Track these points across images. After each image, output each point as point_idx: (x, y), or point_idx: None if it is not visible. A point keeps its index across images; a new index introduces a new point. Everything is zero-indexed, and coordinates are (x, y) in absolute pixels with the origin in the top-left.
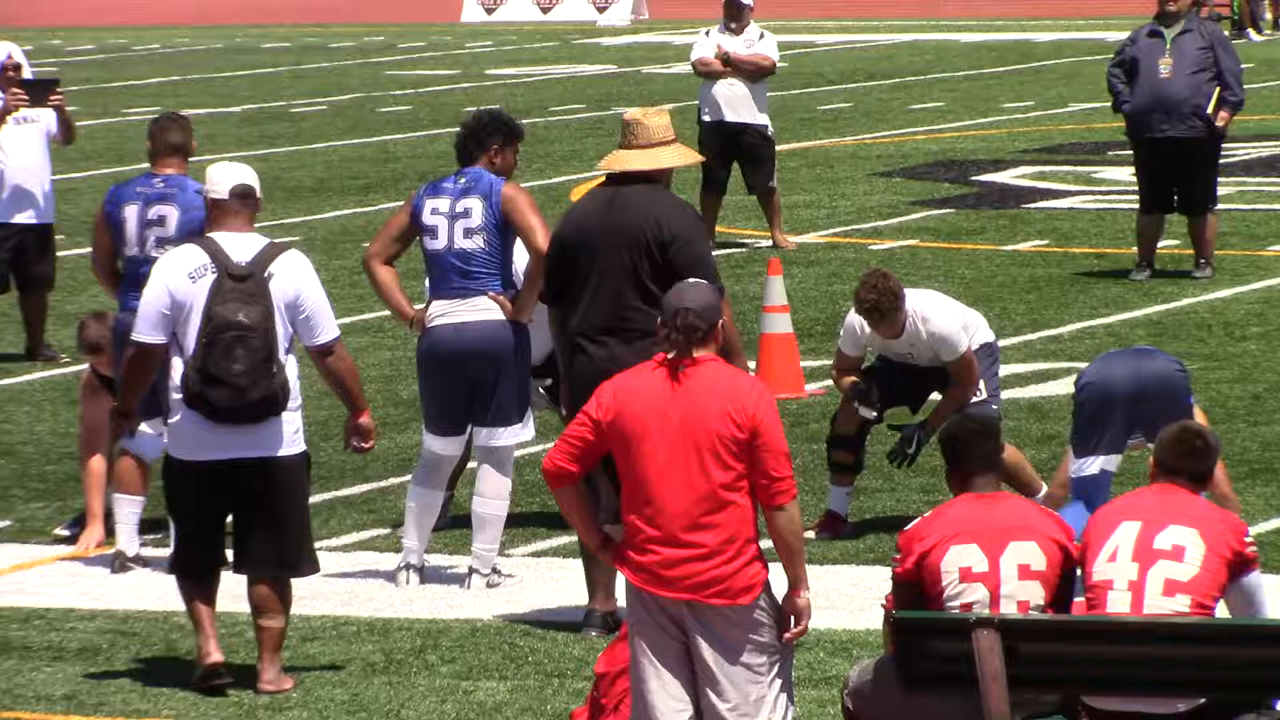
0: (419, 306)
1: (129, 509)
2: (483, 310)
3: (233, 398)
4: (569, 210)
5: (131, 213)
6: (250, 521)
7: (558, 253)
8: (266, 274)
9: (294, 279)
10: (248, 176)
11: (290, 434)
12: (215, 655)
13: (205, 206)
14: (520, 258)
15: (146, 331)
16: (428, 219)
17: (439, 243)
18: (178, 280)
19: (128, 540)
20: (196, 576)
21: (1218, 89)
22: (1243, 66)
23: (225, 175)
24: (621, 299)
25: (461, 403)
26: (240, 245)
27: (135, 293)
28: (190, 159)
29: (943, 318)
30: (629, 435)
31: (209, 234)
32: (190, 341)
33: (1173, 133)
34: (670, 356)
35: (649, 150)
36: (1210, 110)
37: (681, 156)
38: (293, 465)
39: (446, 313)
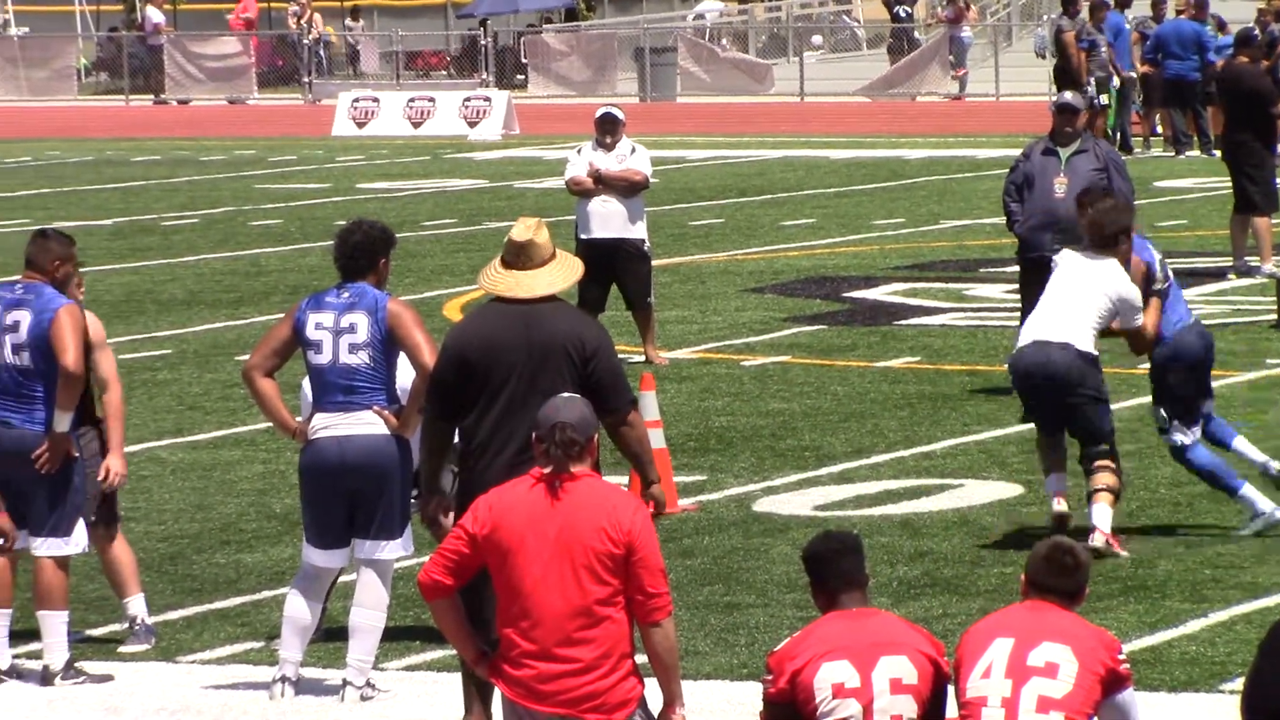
0: (299, 419)
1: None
2: (366, 424)
3: None
4: (463, 325)
5: None
6: None
7: (456, 369)
8: None
9: None
10: None
11: None
12: None
13: None
14: (404, 372)
15: None
16: (311, 333)
17: (324, 358)
18: None
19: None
20: None
21: None
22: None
23: None
24: None
25: (344, 516)
26: None
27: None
28: (59, 274)
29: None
30: (505, 549)
31: None
32: None
33: None
34: (547, 471)
35: (544, 269)
36: None
37: (572, 271)
38: None
39: (329, 425)
